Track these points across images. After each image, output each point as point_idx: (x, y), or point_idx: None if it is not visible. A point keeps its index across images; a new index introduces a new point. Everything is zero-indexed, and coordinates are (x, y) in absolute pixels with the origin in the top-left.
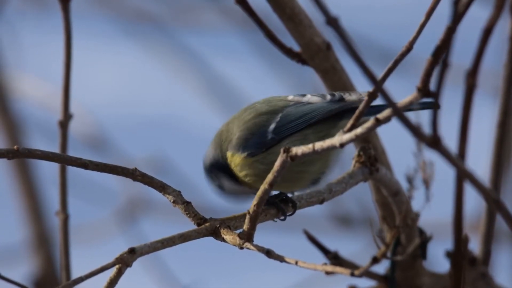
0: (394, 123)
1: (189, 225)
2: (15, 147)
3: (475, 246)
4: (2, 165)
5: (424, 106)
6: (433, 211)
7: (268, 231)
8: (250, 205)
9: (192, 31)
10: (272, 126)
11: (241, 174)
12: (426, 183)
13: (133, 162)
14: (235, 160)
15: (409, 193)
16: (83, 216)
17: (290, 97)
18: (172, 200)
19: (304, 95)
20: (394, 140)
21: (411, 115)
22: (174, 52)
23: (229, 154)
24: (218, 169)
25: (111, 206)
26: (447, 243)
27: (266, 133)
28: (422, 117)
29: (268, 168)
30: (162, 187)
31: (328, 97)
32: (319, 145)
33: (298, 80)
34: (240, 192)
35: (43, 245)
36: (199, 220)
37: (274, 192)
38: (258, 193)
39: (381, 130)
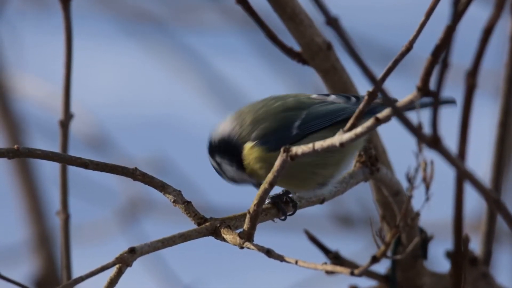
0: (395, 122)
1: (190, 225)
2: (16, 146)
3: (475, 246)
4: (3, 165)
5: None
6: (433, 211)
7: (268, 230)
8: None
9: (193, 31)
10: (298, 122)
11: (256, 166)
12: (426, 183)
13: (133, 162)
14: (254, 152)
15: (409, 192)
16: (84, 216)
17: (314, 96)
18: (172, 200)
19: (328, 95)
20: (395, 139)
21: (411, 115)
22: (174, 52)
23: (248, 145)
24: (227, 150)
25: (112, 206)
26: (448, 243)
27: (292, 129)
28: (422, 117)
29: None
30: (162, 187)
31: (353, 99)
32: (319, 144)
33: (299, 80)
34: (239, 178)
35: (44, 245)
36: (200, 219)
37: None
38: (258, 193)
39: (381, 130)
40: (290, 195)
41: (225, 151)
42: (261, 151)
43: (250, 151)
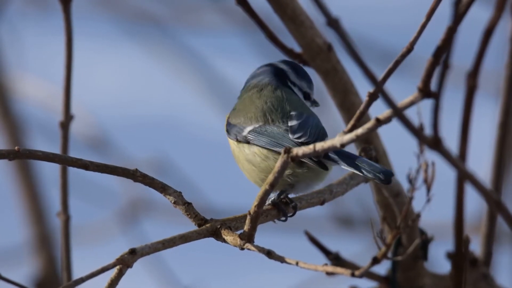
0: (395, 124)
1: (190, 226)
2: (16, 148)
3: (476, 247)
4: (3, 166)
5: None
6: (434, 212)
7: (268, 232)
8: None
9: (193, 32)
10: (250, 128)
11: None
12: (428, 184)
13: (134, 163)
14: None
15: (410, 194)
16: (84, 217)
17: (292, 113)
18: (173, 201)
19: (293, 117)
20: (395, 141)
21: (412, 116)
22: (175, 53)
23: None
24: None
25: (112, 207)
26: (448, 244)
27: (244, 130)
28: (423, 118)
29: (235, 153)
30: (163, 188)
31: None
32: (319, 145)
33: None
34: None
35: (44, 246)
36: (200, 221)
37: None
38: (258, 194)
39: (382, 131)
40: (290, 196)
41: None
42: (225, 127)
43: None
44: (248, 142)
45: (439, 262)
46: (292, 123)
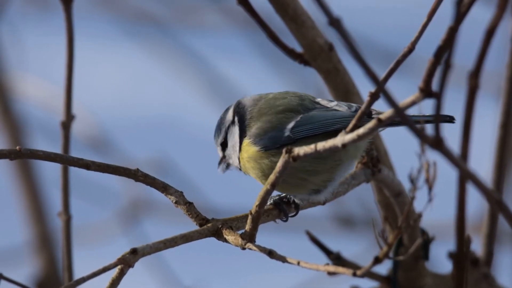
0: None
1: (191, 226)
2: (17, 147)
3: (477, 247)
4: (5, 166)
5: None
6: (435, 212)
7: (270, 231)
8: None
9: (194, 32)
10: (291, 124)
11: (248, 165)
12: (429, 184)
13: (135, 163)
14: (249, 149)
15: (411, 193)
16: (85, 217)
17: (318, 99)
18: (174, 201)
19: (331, 101)
20: (397, 141)
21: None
22: (176, 53)
23: (245, 141)
24: (241, 123)
25: (113, 207)
26: (450, 244)
27: (284, 130)
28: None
29: (274, 166)
30: (164, 188)
31: (354, 108)
32: (321, 145)
33: (301, 81)
34: (233, 158)
35: (46, 246)
36: (201, 220)
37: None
38: (260, 194)
39: (383, 131)
40: (293, 196)
41: (240, 122)
42: (253, 149)
43: (246, 147)
44: (295, 141)
45: (440, 262)
46: (332, 104)
